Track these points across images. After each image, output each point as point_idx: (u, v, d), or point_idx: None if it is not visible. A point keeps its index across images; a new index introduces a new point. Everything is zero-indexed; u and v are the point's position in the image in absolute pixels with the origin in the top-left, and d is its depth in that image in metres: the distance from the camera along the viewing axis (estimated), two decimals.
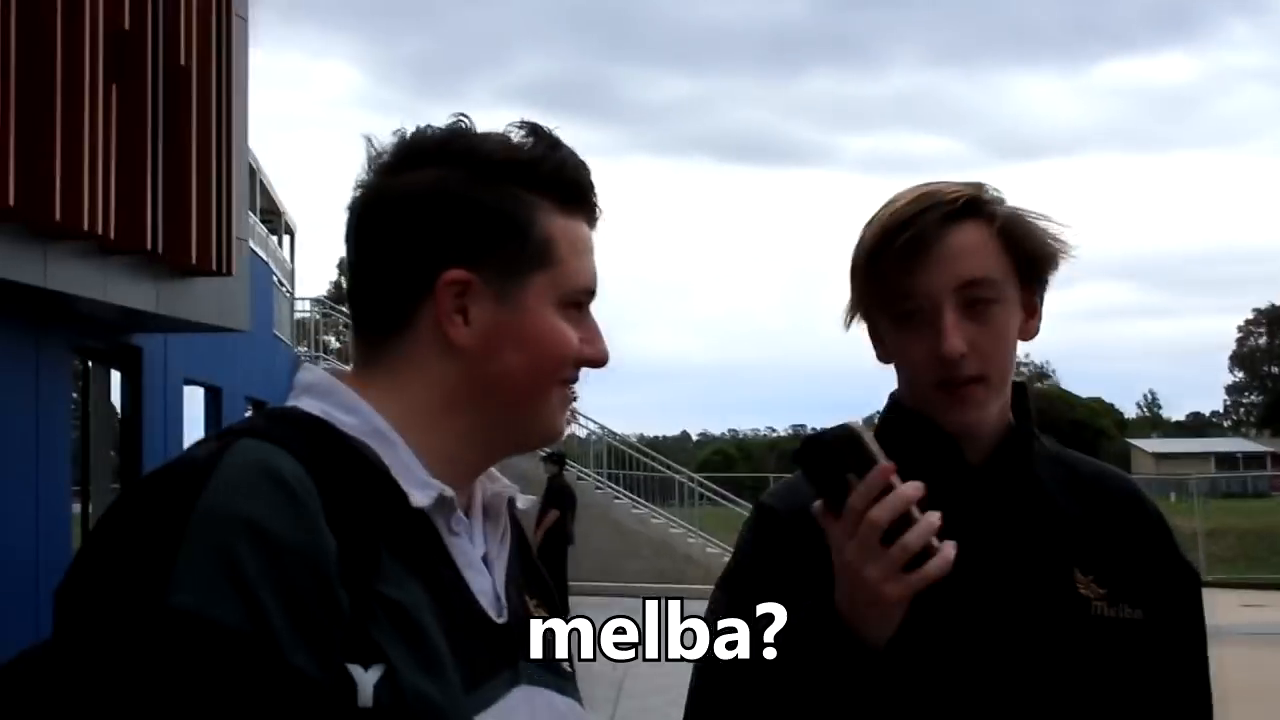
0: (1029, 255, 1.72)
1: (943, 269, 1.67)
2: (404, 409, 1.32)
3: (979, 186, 1.73)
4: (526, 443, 1.40)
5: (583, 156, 1.37)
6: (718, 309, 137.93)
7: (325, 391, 1.33)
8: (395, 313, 1.33)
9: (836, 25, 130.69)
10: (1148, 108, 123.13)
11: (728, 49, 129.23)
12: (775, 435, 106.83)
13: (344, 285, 1.56)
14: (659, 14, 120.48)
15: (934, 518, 1.47)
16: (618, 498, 22.66)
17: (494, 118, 1.35)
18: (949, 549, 1.47)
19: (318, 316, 26.28)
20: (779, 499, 1.76)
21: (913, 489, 1.47)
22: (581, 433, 23.72)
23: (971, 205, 1.70)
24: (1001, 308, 1.70)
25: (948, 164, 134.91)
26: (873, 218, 1.74)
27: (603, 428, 24.41)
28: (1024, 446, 1.77)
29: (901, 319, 1.70)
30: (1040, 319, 1.77)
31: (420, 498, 1.27)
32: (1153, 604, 1.72)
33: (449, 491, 1.30)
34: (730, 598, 1.68)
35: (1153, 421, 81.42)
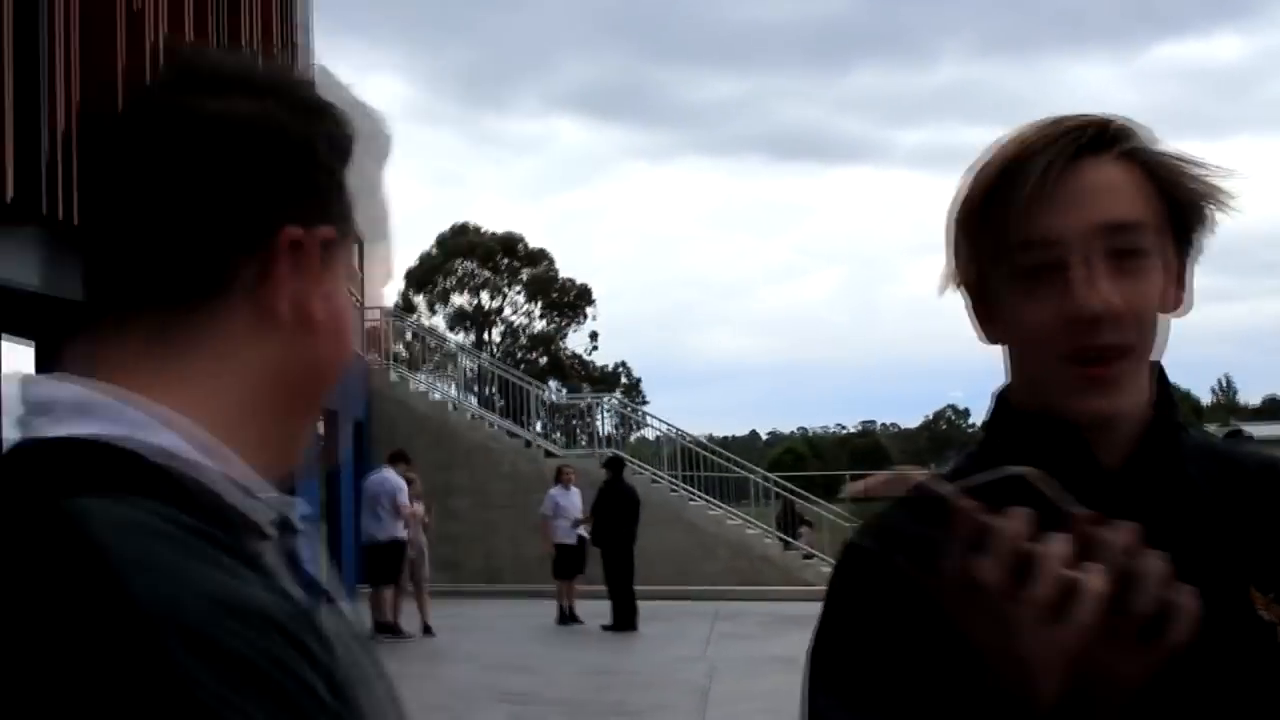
0: (1183, 203, 1.40)
1: (1082, 208, 1.35)
2: (218, 410, 1.03)
3: (1116, 119, 1.41)
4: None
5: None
6: (779, 308, 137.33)
7: (110, 409, 0.98)
8: (200, 279, 1.03)
9: (882, 19, 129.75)
10: (1203, 90, 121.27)
11: (773, 47, 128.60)
12: (845, 431, 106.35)
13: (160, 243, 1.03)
14: (699, 14, 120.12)
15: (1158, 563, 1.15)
16: (692, 499, 22.52)
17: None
18: (1188, 597, 1.15)
19: (387, 325, 26.44)
20: (874, 536, 1.37)
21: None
22: (651, 435, 23.66)
23: (1115, 136, 1.39)
24: (1151, 263, 1.37)
25: None
26: (983, 159, 1.42)
27: (672, 428, 24.35)
28: (1171, 441, 1.42)
29: (1024, 277, 1.37)
30: (1189, 292, 1.43)
31: (267, 525, 1.03)
32: None
33: (292, 511, 1.07)
34: (832, 678, 1.38)
35: (1229, 408, 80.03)
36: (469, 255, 60.36)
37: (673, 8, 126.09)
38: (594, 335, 62.60)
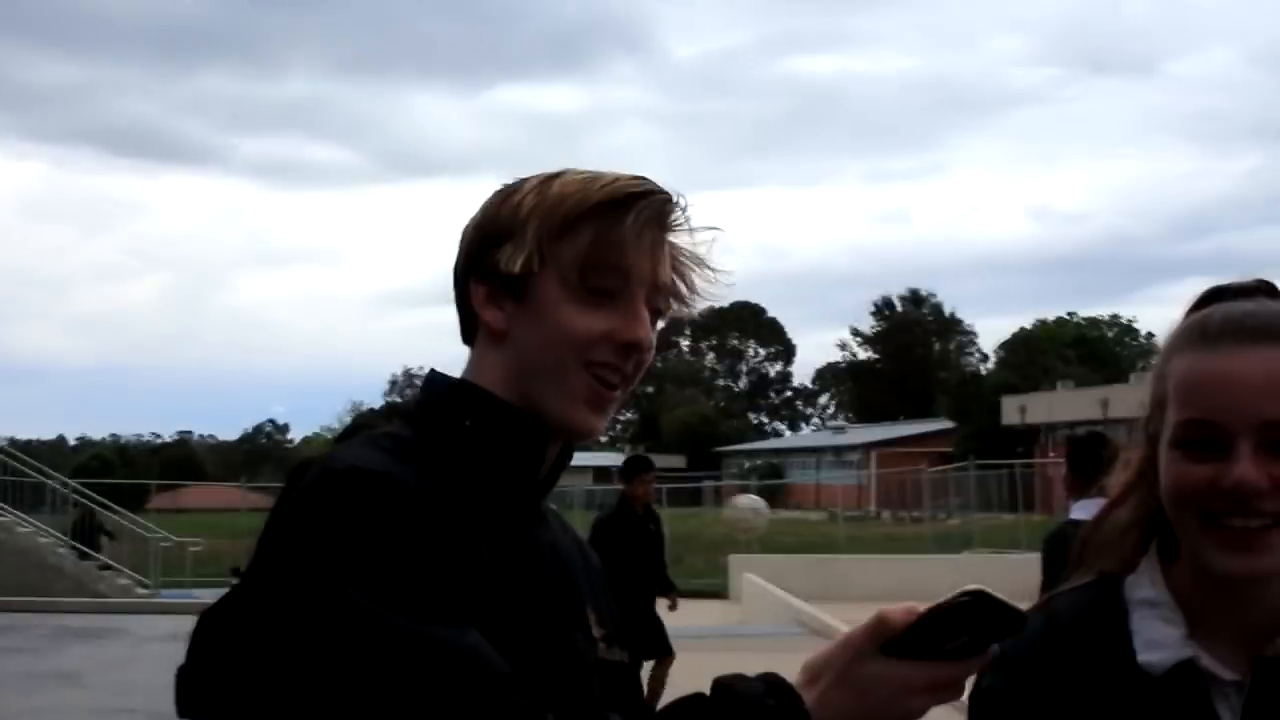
0: None
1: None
2: None
3: None
4: None
5: None
6: (101, 308, 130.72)
7: None
8: None
9: (235, 24, 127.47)
10: (541, 134, 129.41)
11: (116, 38, 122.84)
12: (160, 441, 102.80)
13: None
14: None
15: None
16: None
17: None
18: None
19: None
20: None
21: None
22: None
23: None
24: None
25: (343, 174, 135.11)
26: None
27: None
28: None
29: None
30: None
31: None
32: None
33: None
34: None
35: None
36: None
37: None
38: None
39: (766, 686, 1.26)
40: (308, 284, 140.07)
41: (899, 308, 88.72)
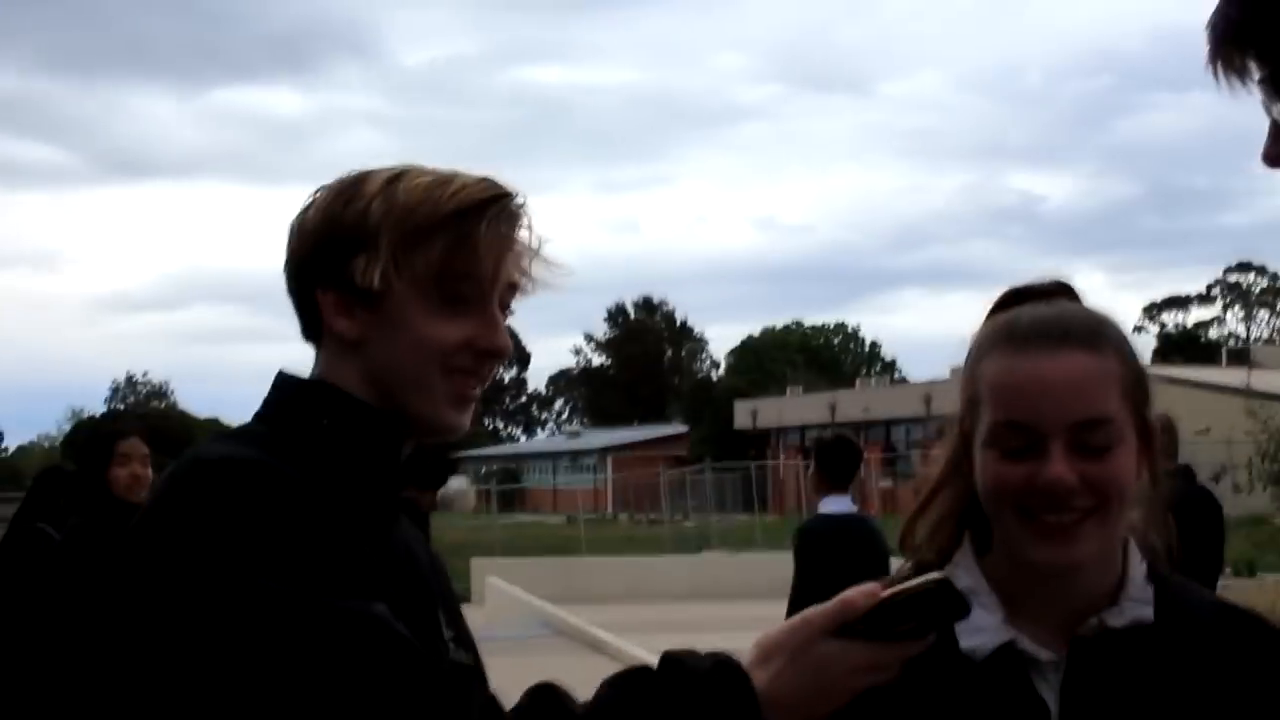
0: None
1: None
2: None
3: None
4: None
5: None
6: None
7: None
8: None
9: None
10: (262, 137, 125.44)
11: None
12: None
13: None
14: None
15: None
16: None
17: None
18: None
19: None
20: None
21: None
22: None
23: None
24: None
25: (59, 175, 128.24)
26: None
27: None
28: None
29: None
30: None
31: None
32: None
33: None
34: None
35: None
36: None
37: None
38: None
39: (714, 664, 1.30)
40: (23, 288, 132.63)
41: (632, 314, 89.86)
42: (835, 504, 6.27)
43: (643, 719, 1.29)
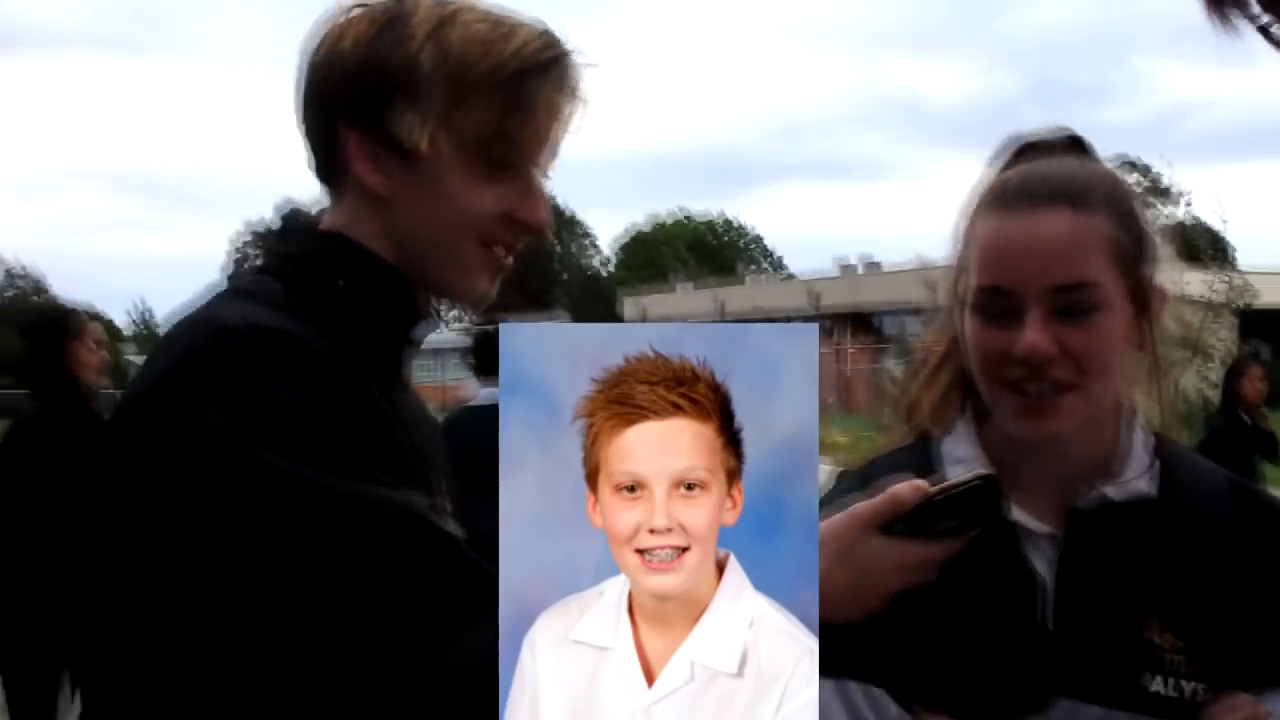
0: None
1: None
2: None
3: None
4: None
5: None
6: None
7: None
8: None
9: None
10: (130, 10, 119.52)
11: None
12: None
13: None
14: None
15: None
16: None
17: None
18: None
19: None
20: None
21: None
22: None
23: None
24: None
25: None
26: None
27: None
28: None
29: None
30: None
31: None
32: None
33: None
34: None
35: (149, 333, 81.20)
36: None
37: None
38: None
39: None
40: None
41: None
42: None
43: None
